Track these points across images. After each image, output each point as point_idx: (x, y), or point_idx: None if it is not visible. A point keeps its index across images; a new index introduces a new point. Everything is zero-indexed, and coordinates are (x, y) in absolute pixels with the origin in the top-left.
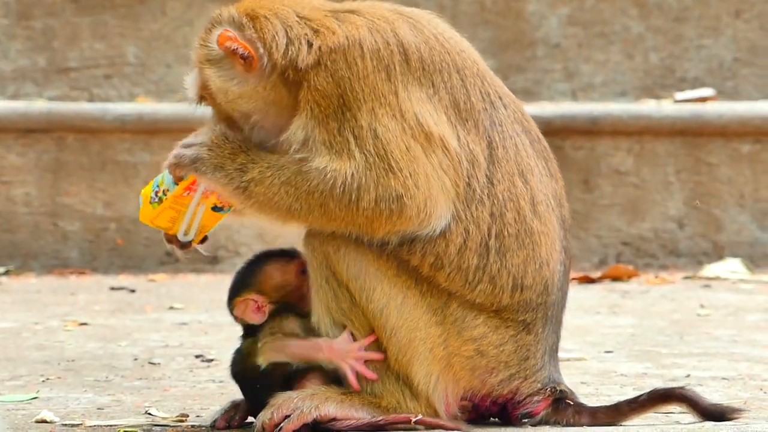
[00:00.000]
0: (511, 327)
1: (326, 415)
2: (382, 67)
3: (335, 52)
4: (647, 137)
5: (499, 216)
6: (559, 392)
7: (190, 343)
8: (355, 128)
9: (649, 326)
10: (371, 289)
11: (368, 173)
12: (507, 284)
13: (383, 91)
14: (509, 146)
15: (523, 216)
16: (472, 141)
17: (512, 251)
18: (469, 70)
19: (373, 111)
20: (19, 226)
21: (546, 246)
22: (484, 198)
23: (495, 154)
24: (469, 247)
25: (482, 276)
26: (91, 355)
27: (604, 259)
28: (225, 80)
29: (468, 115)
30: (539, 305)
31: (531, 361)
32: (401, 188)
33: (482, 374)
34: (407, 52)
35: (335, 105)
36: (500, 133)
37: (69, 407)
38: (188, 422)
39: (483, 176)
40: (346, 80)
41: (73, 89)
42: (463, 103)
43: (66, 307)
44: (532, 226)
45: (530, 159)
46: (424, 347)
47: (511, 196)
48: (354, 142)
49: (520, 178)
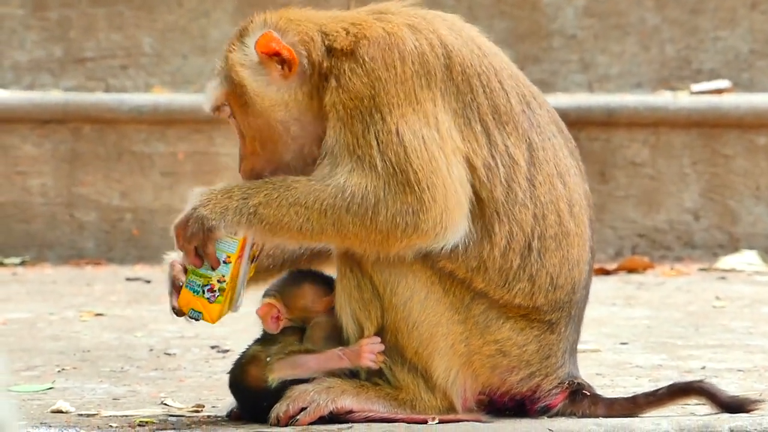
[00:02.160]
0: (536, 327)
1: (343, 407)
2: (423, 73)
3: (374, 48)
4: (663, 129)
5: (542, 218)
6: (576, 384)
7: (206, 334)
8: (381, 132)
9: (665, 318)
10: (396, 282)
11: (386, 187)
12: (545, 283)
13: (420, 97)
14: (548, 147)
15: (562, 218)
16: (512, 144)
17: (551, 252)
18: (505, 72)
19: (404, 116)
20: (35, 217)
21: (578, 247)
22: (527, 201)
23: (535, 156)
24: (513, 249)
25: (522, 275)
26: (106, 345)
27: (620, 251)
28: (263, 85)
29: (508, 118)
30: (565, 304)
31: (552, 360)
32: (417, 203)
33: (503, 372)
34: (450, 55)
35: (364, 106)
36: (539, 134)
37: (85, 397)
38: (203, 413)
39: (524, 179)
40: (382, 81)
41: (89, 80)
42: (503, 106)
43: (82, 297)
44: (569, 228)
45: (566, 160)
46: (446, 343)
47: (552, 198)
48: (377, 147)
49: (560, 180)
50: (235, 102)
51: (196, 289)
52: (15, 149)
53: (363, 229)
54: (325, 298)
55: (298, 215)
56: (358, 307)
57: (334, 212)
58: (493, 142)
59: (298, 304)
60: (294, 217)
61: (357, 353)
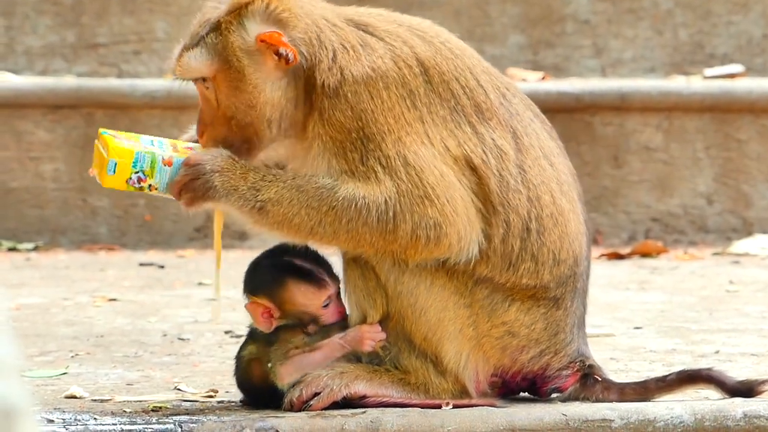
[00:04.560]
0: (543, 305)
1: (356, 392)
2: (407, 94)
3: (357, 85)
4: (676, 113)
5: (536, 199)
6: (587, 367)
7: (219, 319)
8: (382, 158)
9: (679, 302)
10: (400, 271)
11: (402, 200)
12: (548, 260)
13: (409, 119)
14: (530, 133)
15: (555, 197)
16: (498, 137)
17: (549, 230)
18: (479, 68)
19: (400, 140)
20: (48, 202)
21: (574, 221)
22: (519, 186)
23: (521, 143)
24: (512, 234)
25: (525, 256)
26: (120, 330)
27: (633, 236)
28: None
29: (491, 113)
30: (569, 277)
31: (561, 336)
32: (440, 216)
33: (513, 353)
34: (428, 71)
35: (354, 138)
36: (520, 122)
37: (98, 383)
38: (217, 398)
39: (513, 166)
40: (369, 113)
41: (102, 65)
42: (484, 103)
43: (95, 282)
44: (563, 205)
45: (548, 142)
46: (454, 327)
47: (543, 179)
48: (382, 171)
49: (546, 161)
50: (222, 80)
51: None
52: (28, 134)
53: (381, 240)
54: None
55: (310, 218)
56: (363, 295)
57: (348, 222)
58: (482, 139)
59: (288, 305)
60: (305, 219)
61: (358, 339)
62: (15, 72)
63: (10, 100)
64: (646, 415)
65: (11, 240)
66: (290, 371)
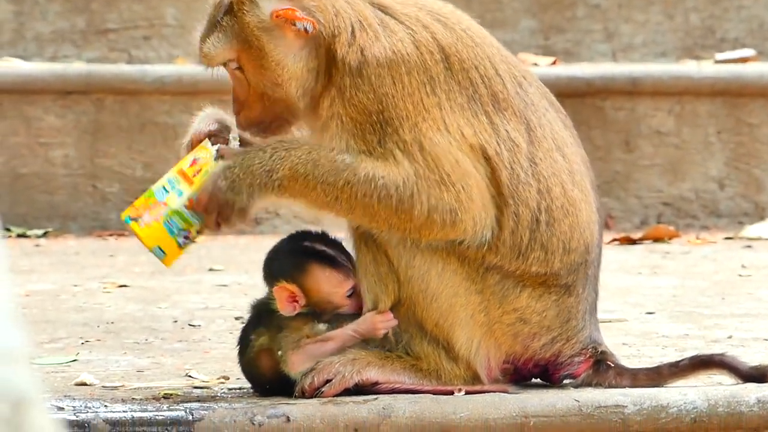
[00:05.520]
0: (554, 292)
1: (368, 379)
2: (427, 80)
3: (381, 68)
4: (687, 98)
5: (547, 192)
6: (599, 353)
7: (230, 305)
8: (399, 142)
9: (691, 287)
10: (411, 255)
11: (420, 182)
12: (558, 249)
13: (427, 105)
14: (544, 124)
15: (566, 188)
16: (512, 129)
17: (559, 221)
18: (498, 57)
19: (416, 126)
20: (58, 188)
21: (586, 211)
22: (530, 179)
23: (534, 135)
24: (521, 225)
25: (534, 246)
26: (130, 317)
27: (645, 220)
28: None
29: (506, 104)
30: (580, 265)
31: (572, 323)
32: (455, 202)
33: (524, 339)
34: (449, 58)
35: (374, 120)
36: (534, 113)
37: (109, 370)
38: (228, 384)
39: (525, 159)
40: (390, 97)
41: (111, 51)
42: (500, 93)
43: (105, 269)
44: (574, 196)
45: (562, 132)
46: (465, 313)
47: (553, 171)
48: (400, 154)
49: (559, 153)
50: (247, 59)
51: (173, 230)
52: (38, 120)
53: (395, 218)
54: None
55: (326, 194)
56: (374, 281)
57: (364, 198)
58: (496, 130)
59: (314, 292)
60: (321, 195)
61: (371, 328)
62: (24, 58)
63: (20, 86)
64: (659, 400)
65: (21, 226)
66: (302, 360)
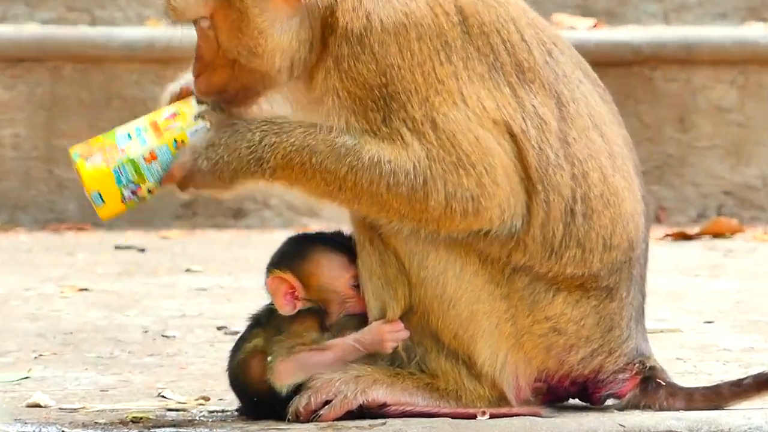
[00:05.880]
0: (593, 296)
1: (374, 400)
2: (441, 47)
3: (386, 32)
4: (752, 67)
5: (582, 177)
6: (648, 369)
7: (211, 312)
8: (407, 120)
9: (757, 291)
10: (425, 254)
11: (434, 166)
12: (597, 246)
13: (441, 75)
14: (578, 98)
15: (606, 174)
16: (540, 103)
17: (598, 212)
18: (524, 21)
19: (427, 100)
20: (7, 174)
21: (629, 200)
22: (562, 162)
23: (566, 111)
24: (553, 217)
25: (569, 242)
26: (92, 326)
27: (703, 212)
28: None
29: (533, 75)
30: (623, 264)
31: (615, 332)
32: (477, 188)
33: (559, 353)
34: (467, 20)
35: (376, 96)
36: (566, 85)
37: (67, 389)
38: (209, 406)
39: (556, 139)
40: (395, 68)
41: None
42: (526, 62)
43: (63, 269)
44: (615, 183)
45: (599, 107)
46: (489, 322)
47: (590, 153)
48: (409, 133)
49: (596, 132)
50: (222, 19)
51: (121, 180)
52: None
53: (408, 208)
54: (348, 271)
55: (327, 183)
56: (381, 284)
57: (371, 186)
58: (521, 104)
59: (315, 281)
60: (321, 184)
61: (377, 340)
62: None
63: None
64: (718, 425)
65: None
66: (291, 370)
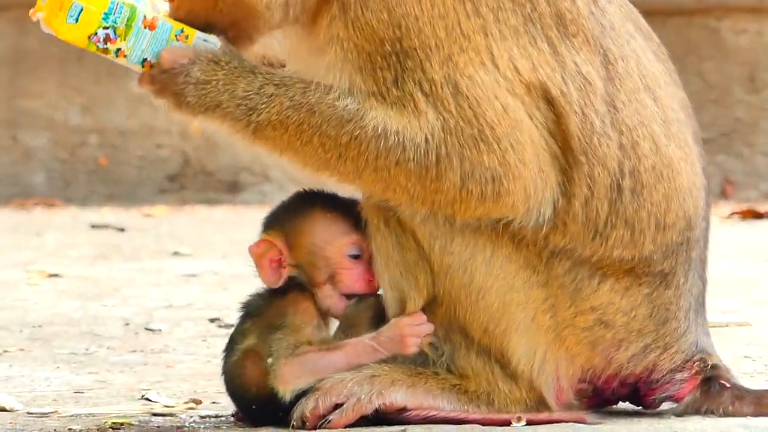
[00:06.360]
0: (645, 283)
1: (393, 403)
2: None
3: None
4: None
5: (631, 148)
6: (710, 368)
7: (202, 303)
8: (424, 82)
9: None
10: (448, 237)
11: (449, 140)
12: (648, 226)
13: (467, 30)
14: (628, 55)
15: (658, 143)
16: (584, 61)
17: (650, 187)
18: None
19: (450, 59)
20: None
21: (687, 173)
22: (608, 129)
23: (613, 70)
24: (598, 193)
25: (616, 222)
26: (65, 318)
27: None
28: None
29: (576, 28)
30: (680, 245)
31: (672, 324)
32: (499, 167)
33: (606, 349)
34: None
35: (387, 51)
36: (614, 40)
37: (35, 390)
38: (200, 410)
39: (601, 103)
40: (412, 20)
41: None
42: (568, 13)
43: (29, 252)
44: (669, 153)
45: (653, 66)
46: (524, 314)
47: (641, 120)
48: (424, 99)
49: (648, 95)
50: None
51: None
52: None
53: (418, 188)
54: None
55: (325, 150)
56: (400, 272)
57: (377, 160)
58: (562, 62)
59: (303, 241)
60: (319, 151)
61: (397, 340)
62: None
63: None
64: None
65: None
66: (297, 373)
